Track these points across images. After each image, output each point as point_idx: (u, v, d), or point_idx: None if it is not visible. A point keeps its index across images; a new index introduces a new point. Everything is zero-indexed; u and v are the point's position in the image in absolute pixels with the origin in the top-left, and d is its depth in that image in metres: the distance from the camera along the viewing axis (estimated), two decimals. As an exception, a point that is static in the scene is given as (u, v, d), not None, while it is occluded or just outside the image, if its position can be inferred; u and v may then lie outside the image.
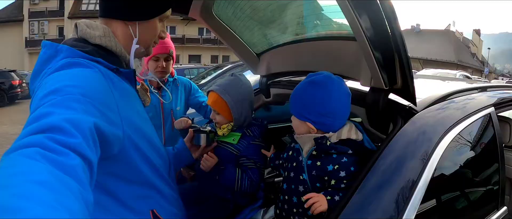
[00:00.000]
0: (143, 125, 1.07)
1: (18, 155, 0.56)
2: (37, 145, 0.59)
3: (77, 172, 0.59)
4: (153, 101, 2.23)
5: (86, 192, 0.58)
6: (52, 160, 0.57)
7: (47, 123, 0.65)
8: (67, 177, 0.56)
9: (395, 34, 1.09)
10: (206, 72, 11.49)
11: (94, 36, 1.05)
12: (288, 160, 1.49)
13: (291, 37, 1.95)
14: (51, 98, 0.74)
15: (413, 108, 1.30)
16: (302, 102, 1.36)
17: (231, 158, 1.70)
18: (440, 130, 1.27)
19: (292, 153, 1.47)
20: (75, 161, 0.61)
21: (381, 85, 1.27)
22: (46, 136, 0.62)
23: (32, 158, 0.55)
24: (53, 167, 0.56)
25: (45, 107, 0.72)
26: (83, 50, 0.97)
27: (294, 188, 1.39)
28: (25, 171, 0.52)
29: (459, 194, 1.55)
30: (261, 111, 2.64)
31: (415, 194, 1.08)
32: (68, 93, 0.77)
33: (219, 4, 1.93)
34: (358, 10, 1.10)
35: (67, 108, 0.72)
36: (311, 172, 1.35)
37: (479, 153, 1.60)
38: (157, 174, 1.10)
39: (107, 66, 0.99)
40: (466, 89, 1.67)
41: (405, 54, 1.14)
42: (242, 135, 1.74)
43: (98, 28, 1.06)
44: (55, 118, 0.67)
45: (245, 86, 1.76)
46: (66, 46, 0.96)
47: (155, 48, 2.16)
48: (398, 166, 1.12)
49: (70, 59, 0.91)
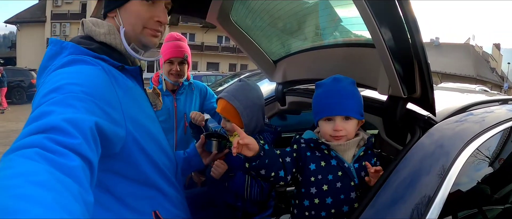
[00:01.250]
0: (149, 123, 1.06)
1: (18, 156, 0.56)
2: (36, 146, 0.59)
3: (77, 173, 0.59)
4: (166, 104, 2.24)
5: (86, 193, 0.58)
6: (52, 161, 0.57)
7: (47, 123, 0.65)
8: (67, 178, 0.56)
9: (416, 42, 1.07)
10: (223, 80, 11.59)
11: (99, 33, 1.05)
12: (326, 172, 1.33)
13: (308, 44, 1.93)
14: (52, 96, 0.75)
15: (432, 119, 1.27)
16: (360, 103, 1.34)
17: (241, 165, 1.67)
18: (459, 144, 1.22)
19: (329, 163, 1.34)
20: (75, 162, 0.61)
21: (399, 94, 1.24)
22: (45, 137, 0.62)
23: (31, 159, 0.56)
24: (53, 168, 0.56)
25: (46, 105, 0.72)
26: (88, 48, 0.98)
27: (344, 198, 1.31)
28: (25, 172, 0.52)
29: (477, 212, 1.49)
30: (276, 120, 2.61)
31: (431, 210, 1.04)
32: (69, 91, 0.77)
33: (237, 10, 1.93)
34: (379, 20, 1.08)
35: (68, 107, 0.72)
36: (360, 175, 1.31)
37: (499, 169, 1.53)
38: (161, 175, 1.08)
39: (111, 63, 1.00)
40: (486, 101, 1.62)
41: (425, 62, 1.11)
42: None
43: (103, 26, 1.07)
44: (55, 118, 0.67)
45: (253, 91, 1.73)
46: (71, 43, 0.97)
47: (169, 51, 2.20)
48: (413, 181, 1.08)
49: (74, 56, 0.92)
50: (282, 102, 2.30)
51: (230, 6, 1.89)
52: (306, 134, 1.43)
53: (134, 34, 1.10)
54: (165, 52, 2.22)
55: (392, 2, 1.04)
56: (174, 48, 2.22)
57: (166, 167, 1.12)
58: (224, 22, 1.98)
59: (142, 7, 1.08)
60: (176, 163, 1.24)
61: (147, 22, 1.10)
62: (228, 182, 1.62)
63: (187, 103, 2.36)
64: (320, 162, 1.34)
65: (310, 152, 1.36)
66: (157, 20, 1.11)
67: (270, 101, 2.40)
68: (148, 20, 1.10)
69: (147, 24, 1.10)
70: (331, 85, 1.36)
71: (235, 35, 2.07)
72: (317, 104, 1.37)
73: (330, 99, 1.34)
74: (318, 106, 1.37)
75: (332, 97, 1.33)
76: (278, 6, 1.78)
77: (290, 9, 1.77)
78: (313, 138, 1.38)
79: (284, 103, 2.29)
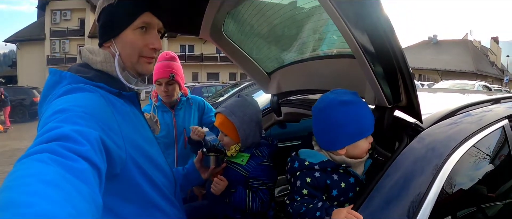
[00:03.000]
0: (147, 146, 1.09)
1: (30, 160, 0.60)
2: (48, 151, 0.63)
3: (87, 176, 0.63)
4: (166, 119, 2.28)
5: (95, 195, 0.61)
6: (62, 164, 0.61)
7: (57, 133, 0.70)
8: (76, 180, 0.59)
9: (395, 50, 1.09)
10: (223, 90, 11.57)
11: (96, 62, 1.09)
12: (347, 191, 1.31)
13: (301, 56, 1.96)
14: (57, 116, 0.79)
15: (419, 125, 1.30)
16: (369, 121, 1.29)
17: (241, 179, 1.70)
18: (451, 145, 1.26)
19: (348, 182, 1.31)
20: (84, 166, 0.64)
21: (384, 103, 1.27)
22: (56, 144, 0.66)
23: (43, 161, 0.59)
24: (63, 169, 0.59)
25: (53, 123, 0.76)
26: (85, 76, 1.02)
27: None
28: (36, 172, 0.56)
29: (473, 210, 1.52)
30: (275, 128, 2.64)
31: (423, 208, 1.08)
32: (73, 111, 0.82)
33: (229, 24, 1.96)
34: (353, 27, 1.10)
35: (74, 123, 0.76)
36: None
37: (493, 168, 1.56)
38: (161, 194, 1.11)
39: (109, 90, 1.04)
40: (477, 102, 1.65)
41: (407, 71, 1.14)
42: (251, 155, 1.72)
43: (99, 54, 1.10)
44: (64, 129, 0.71)
45: (251, 107, 1.76)
46: (69, 73, 1.01)
47: (156, 72, 2.23)
48: (405, 183, 1.12)
49: (73, 85, 0.96)
50: (278, 113, 2.32)
51: (222, 20, 1.92)
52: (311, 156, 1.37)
53: (130, 64, 1.13)
54: (154, 73, 2.24)
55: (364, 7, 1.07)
56: (160, 69, 2.24)
57: (165, 187, 1.14)
58: (217, 37, 2.00)
59: (136, 36, 1.11)
60: (175, 181, 1.27)
61: (142, 50, 1.12)
62: (229, 198, 1.64)
63: (186, 118, 2.40)
64: (340, 185, 1.30)
65: (329, 178, 1.30)
66: (152, 47, 1.13)
67: (267, 113, 2.43)
68: (143, 48, 1.12)
69: (143, 52, 1.13)
70: (359, 100, 1.32)
71: (228, 49, 2.10)
72: (359, 122, 1.28)
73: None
74: (360, 123, 1.28)
75: (368, 112, 1.31)
76: (270, 19, 1.81)
77: (282, 21, 1.80)
78: (324, 161, 1.32)
79: (280, 114, 2.32)
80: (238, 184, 1.68)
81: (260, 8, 1.77)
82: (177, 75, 2.28)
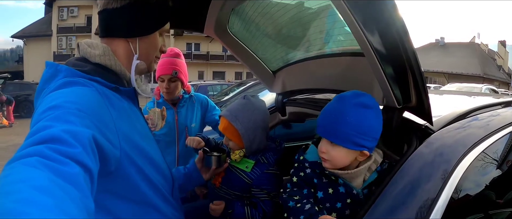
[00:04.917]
0: (144, 143, 1.06)
1: (19, 164, 0.58)
2: (37, 155, 0.60)
3: (78, 180, 0.60)
4: (167, 117, 2.25)
5: (86, 199, 0.59)
6: (53, 168, 0.58)
7: (47, 134, 0.67)
8: (67, 184, 0.57)
9: (407, 49, 1.06)
10: (229, 89, 11.60)
11: (94, 55, 1.07)
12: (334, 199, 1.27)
13: (307, 54, 1.93)
14: (49, 113, 0.77)
15: (429, 128, 1.25)
16: (360, 130, 1.18)
17: (243, 186, 1.64)
18: (461, 150, 1.20)
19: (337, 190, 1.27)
20: (75, 169, 0.62)
21: (393, 104, 1.23)
22: (46, 147, 0.63)
23: (32, 166, 0.57)
24: (53, 174, 0.57)
25: (44, 121, 0.74)
26: (81, 70, 0.99)
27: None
28: (26, 178, 0.54)
29: (482, 217, 1.47)
30: (280, 128, 2.60)
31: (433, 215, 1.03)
32: (66, 108, 0.79)
33: (234, 21, 1.94)
34: (366, 27, 1.07)
35: (66, 122, 0.74)
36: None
37: (504, 173, 1.50)
38: (157, 193, 1.09)
39: (105, 85, 1.01)
40: (488, 105, 1.60)
41: (419, 70, 1.10)
42: (256, 162, 1.66)
43: (98, 47, 1.08)
44: (55, 130, 0.69)
45: (257, 111, 1.66)
46: (65, 67, 0.99)
47: (160, 68, 2.19)
48: (412, 190, 1.07)
49: (68, 79, 0.94)
50: (282, 112, 2.29)
51: (227, 18, 1.89)
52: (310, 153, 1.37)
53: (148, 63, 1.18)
54: (157, 69, 2.22)
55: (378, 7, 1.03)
56: (164, 65, 2.22)
57: (162, 185, 1.12)
58: (222, 34, 1.98)
59: (157, 38, 1.17)
60: (172, 181, 1.24)
61: (157, 51, 1.19)
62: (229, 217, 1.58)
63: (188, 116, 2.37)
64: (327, 189, 1.28)
65: (317, 178, 1.29)
66: (163, 49, 1.21)
67: (271, 112, 2.39)
68: (157, 50, 1.19)
69: (157, 53, 1.20)
70: (333, 103, 1.26)
71: (233, 46, 2.08)
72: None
73: (322, 117, 1.27)
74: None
75: (325, 117, 1.26)
76: (275, 16, 1.78)
77: (288, 19, 1.77)
78: (317, 162, 1.30)
79: (285, 114, 2.28)
80: (240, 190, 1.64)
81: (265, 6, 1.74)
82: (180, 72, 2.25)
